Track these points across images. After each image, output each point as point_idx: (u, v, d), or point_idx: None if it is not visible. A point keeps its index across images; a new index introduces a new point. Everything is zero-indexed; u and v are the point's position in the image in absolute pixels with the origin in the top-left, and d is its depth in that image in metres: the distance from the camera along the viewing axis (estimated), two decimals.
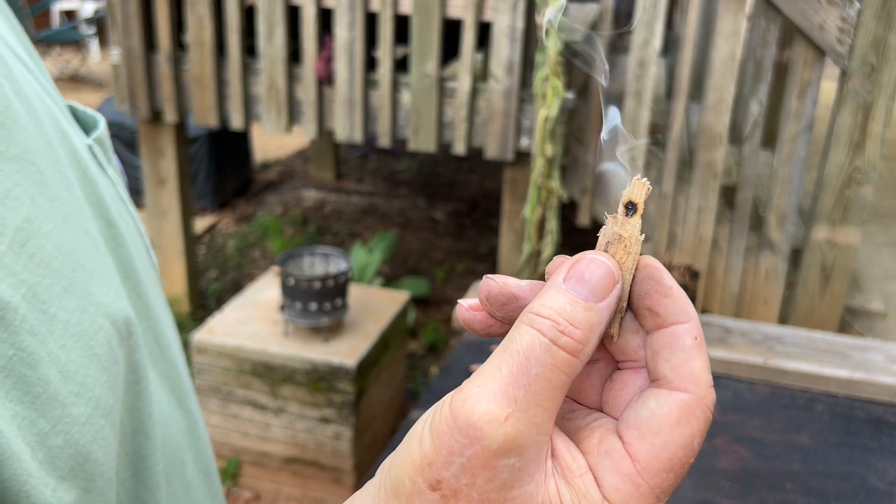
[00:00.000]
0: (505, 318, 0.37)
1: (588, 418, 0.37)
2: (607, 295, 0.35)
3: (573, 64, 2.95)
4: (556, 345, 0.33)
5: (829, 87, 2.87)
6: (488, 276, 0.39)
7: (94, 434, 0.45)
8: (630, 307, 0.36)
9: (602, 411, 0.38)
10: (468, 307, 0.39)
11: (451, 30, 2.99)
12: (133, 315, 0.52)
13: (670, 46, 4.74)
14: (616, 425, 0.35)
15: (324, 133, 3.24)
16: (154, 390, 0.55)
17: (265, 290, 2.86)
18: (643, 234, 0.36)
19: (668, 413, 0.34)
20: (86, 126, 0.60)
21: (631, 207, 0.36)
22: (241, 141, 5.05)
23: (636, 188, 0.36)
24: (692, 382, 0.34)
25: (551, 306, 0.34)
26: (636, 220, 0.36)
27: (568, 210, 4.10)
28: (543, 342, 0.33)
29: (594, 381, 0.39)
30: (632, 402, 0.36)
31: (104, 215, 0.54)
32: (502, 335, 0.36)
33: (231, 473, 2.70)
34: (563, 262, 0.37)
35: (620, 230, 0.36)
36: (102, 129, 0.60)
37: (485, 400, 0.32)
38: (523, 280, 0.39)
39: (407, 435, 0.35)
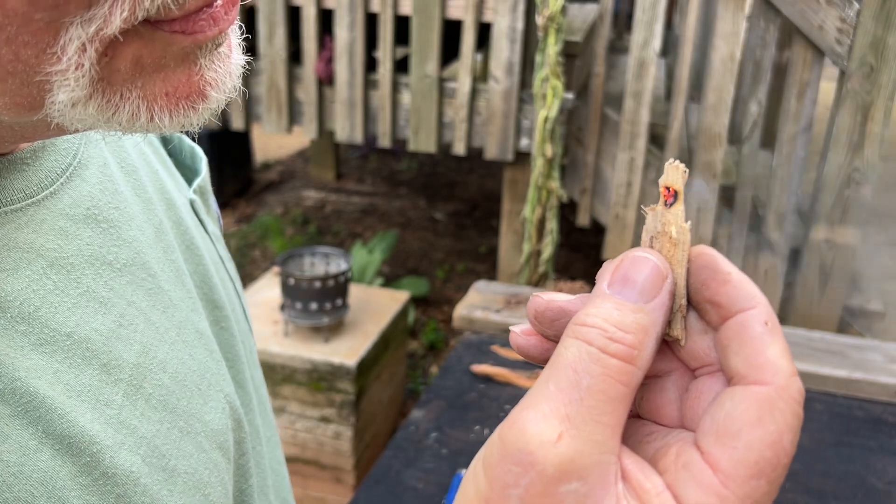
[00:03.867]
0: (558, 336, 0.33)
1: (668, 437, 0.33)
2: (658, 293, 0.32)
3: (572, 64, 2.96)
4: (606, 353, 0.30)
5: (828, 87, 2.88)
6: (535, 293, 0.35)
7: None
8: (691, 304, 0.33)
9: (684, 427, 0.33)
10: (521, 332, 0.36)
11: (451, 31, 3.00)
12: (238, 403, 0.49)
13: (670, 47, 4.75)
14: (694, 436, 0.31)
15: (324, 133, 3.25)
16: (255, 488, 0.53)
17: (266, 290, 2.87)
18: (689, 222, 0.32)
19: (745, 410, 0.29)
20: (184, 164, 0.56)
21: (671, 195, 0.32)
22: (241, 141, 5.06)
23: (671, 173, 0.32)
24: (770, 372, 0.30)
25: (596, 314, 0.31)
26: (679, 208, 0.32)
27: (567, 210, 4.11)
28: (592, 352, 0.30)
29: (671, 397, 0.34)
30: (708, 408, 0.31)
31: (209, 297, 0.50)
32: None
33: None
34: (608, 265, 0.34)
35: (663, 221, 0.32)
36: (205, 173, 0.55)
37: (534, 421, 0.29)
38: (571, 294, 0.36)
39: (463, 478, 0.32)
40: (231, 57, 0.34)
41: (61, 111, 0.30)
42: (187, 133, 0.48)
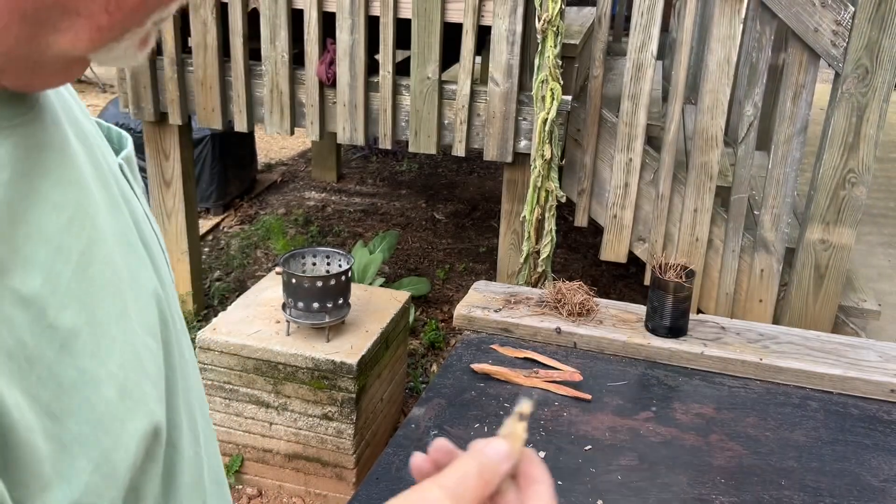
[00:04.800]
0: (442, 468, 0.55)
1: None
2: (509, 462, 0.53)
3: (571, 67, 2.99)
4: (483, 475, 0.52)
5: (823, 89, 2.91)
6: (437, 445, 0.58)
7: (146, 448, 0.51)
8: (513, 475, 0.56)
9: None
10: (422, 459, 0.58)
11: (451, 34, 3.03)
12: (165, 305, 0.59)
13: (667, 50, 4.78)
14: None
15: (326, 135, 3.27)
16: (182, 402, 0.60)
17: (268, 290, 2.89)
18: (526, 434, 0.56)
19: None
20: (114, 144, 0.65)
21: (522, 417, 0.57)
22: (244, 143, 5.08)
23: (525, 408, 0.58)
24: None
25: (488, 456, 0.53)
26: (524, 424, 0.57)
27: (566, 210, 4.14)
28: (478, 470, 0.52)
29: None
30: None
31: (140, 235, 0.60)
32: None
33: (234, 470, 2.74)
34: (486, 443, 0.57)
35: (515, 428, 0.56)
36: (130, 147, 0.66)
37: (437, 489, 0.52)
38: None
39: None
40: None
41: (117, 52, 0.49)
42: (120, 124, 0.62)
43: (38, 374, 0.44)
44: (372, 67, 3.09)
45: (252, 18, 3.14)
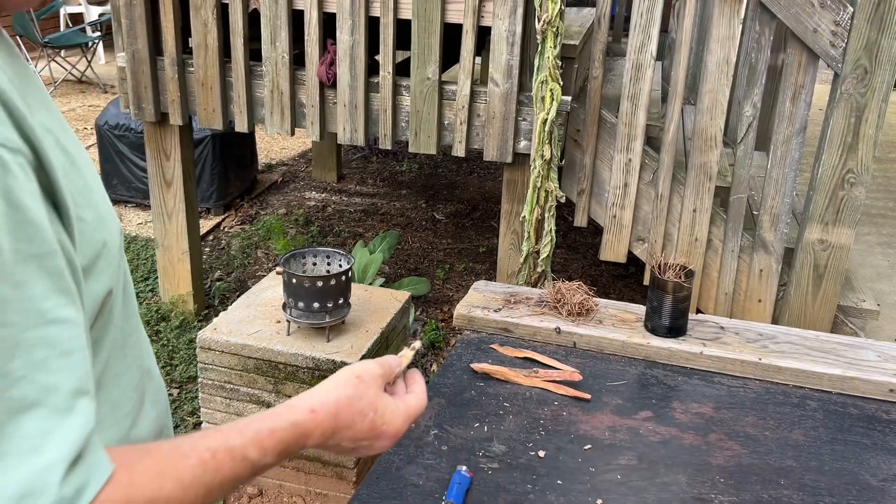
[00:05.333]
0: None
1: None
2: (398, 368, 0.94)
3: (570, 68, 2.99)
4: (382, 366, 0.90)
5: (822, 89, 2.91)
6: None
7: (120, 246, 0.80)
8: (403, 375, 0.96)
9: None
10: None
11: (451, 34, 3.03)
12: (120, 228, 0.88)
13: (666, 50, 4.78)
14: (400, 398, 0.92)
15: (326, 135, 3.28)
16: (129, 289, 0.88)
17: (268, 290, 2.90)
18: (411, 357, 0.98)
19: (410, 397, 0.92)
20: None
21: (414, 349, 0.98)
22: (245, 143, 5.08)
23: (416, 345, 1.00)
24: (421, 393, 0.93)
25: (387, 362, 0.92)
26: (412, 353, 0.98)
27: (565, 210, 4.14)
28: (378, 365, 0.90)
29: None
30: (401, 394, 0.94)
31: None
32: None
33: None
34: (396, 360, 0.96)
35: (406, 353, 0.98)
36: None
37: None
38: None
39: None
40: None
41: None
42: None
43: (69, 179, 0.68)
44: (372, 68, 3.10)
45: (252, 19, 3.14)
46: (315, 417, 0.78)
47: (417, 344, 1.00)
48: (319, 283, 2.53)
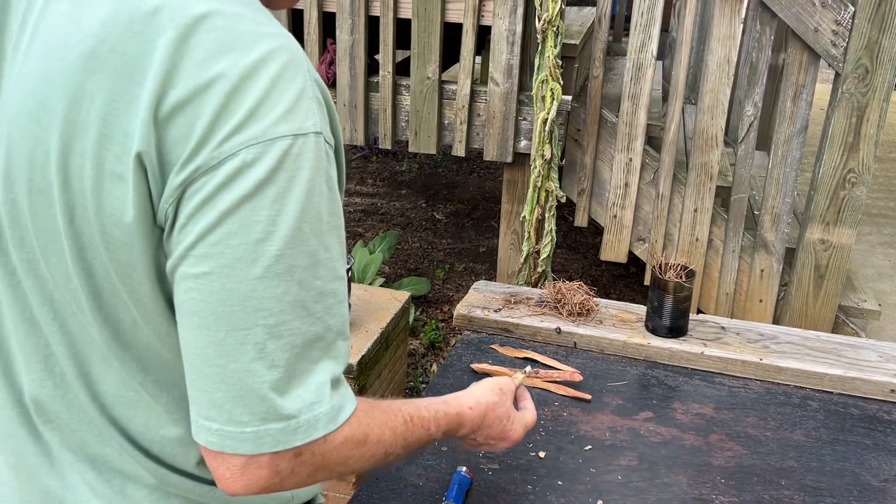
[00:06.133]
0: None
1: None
2: (514, 392, 1.16)
3: (570, 67, 2.99)
4: (503, 388, 1.12)
5: (823, 89, 2.91)
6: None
7: None
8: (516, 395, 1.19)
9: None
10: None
11: (451, 34, 3.03)
12: None
13: (666, 50, 4.78)
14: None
15: None
16: None
17: None
18: (522, 380, 1.21)
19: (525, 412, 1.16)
20: None
21: (526, 373, 1.26)
22: None
23: (527, 370, 1.29)
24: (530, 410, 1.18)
25: (504, 385, 1.14)
26: (522, 377, 1.21)
27: (566, 210, 4.14)
28: (505, 383, 1.14)
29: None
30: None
31: None
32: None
33: None
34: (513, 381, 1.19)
35: (519, 375, 1.22)
36: None
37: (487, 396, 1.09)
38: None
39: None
40: None
41: None
42: None
43: (341, 169, 0.84)
44: (372, 67, 3.09)
45: None
46: (471, 413, 1.01)
47: (529, 369, 1.31)
48: None
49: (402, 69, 3.11)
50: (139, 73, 0.69)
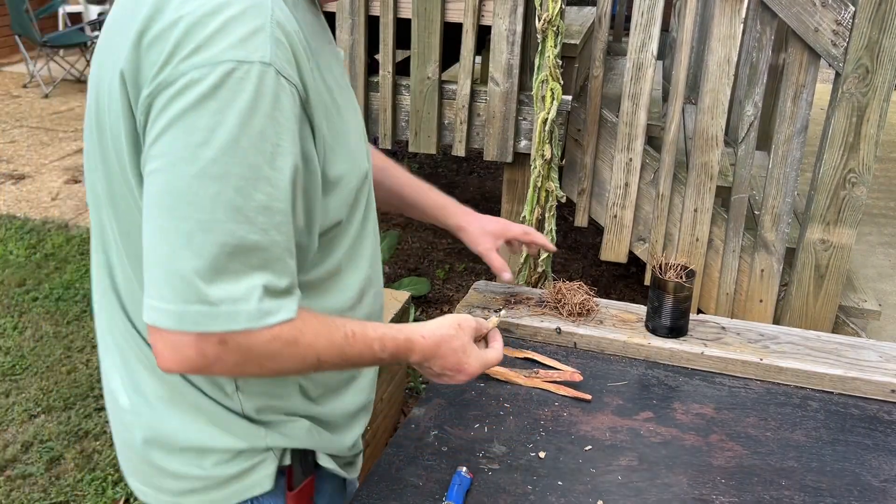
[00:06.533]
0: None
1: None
2: (481, 330, 1.23)
3: (571, 67, 2.99)
4: (477, 323, 1.21)
5: (823, 89, 2.91)
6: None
7: (366, 173, 1.11)
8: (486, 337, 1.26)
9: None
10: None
11: (451, 34, 3.03)
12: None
13: (667, 50, 4.78)
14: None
15: None
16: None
17: None
18: (496, 323, 1.30)
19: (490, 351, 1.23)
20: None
21: (498, 316, 1.33)
22: None
23: (502, 313, 1.40)
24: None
25: (470, 323, 1.20)
26: (496, 320, 1.29)
27: (566, 210, 4.14)
28: (475, 321, 1.20)
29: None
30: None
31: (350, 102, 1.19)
32: None
33: None
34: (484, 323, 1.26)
35: (494, 318, 1.29)
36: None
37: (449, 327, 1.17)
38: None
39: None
40: None
41: None
42: None
43: (328, 116, 0.96)
44: (372, 67, 3.09)
45: None
46: (423, 342, 1.08)
47: (503, 312, 1.39)
48: None
49: (402, 69, 3.11)
50: (137, 12, 0.87)
